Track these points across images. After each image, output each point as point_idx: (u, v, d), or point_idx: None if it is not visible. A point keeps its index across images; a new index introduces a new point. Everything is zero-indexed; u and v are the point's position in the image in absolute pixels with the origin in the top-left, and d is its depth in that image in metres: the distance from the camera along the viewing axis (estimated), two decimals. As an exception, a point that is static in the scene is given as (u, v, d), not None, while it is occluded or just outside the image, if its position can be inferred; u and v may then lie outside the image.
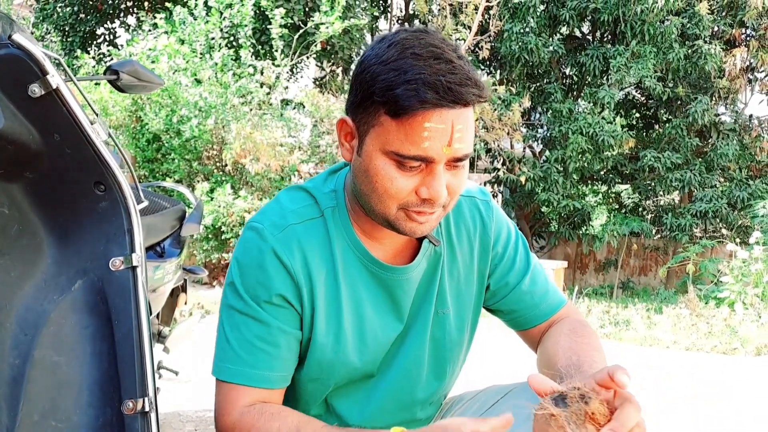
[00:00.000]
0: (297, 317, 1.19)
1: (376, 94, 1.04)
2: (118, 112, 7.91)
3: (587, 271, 13.14)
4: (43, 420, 1.08)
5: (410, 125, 1.02)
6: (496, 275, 1.33)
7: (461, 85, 1.01)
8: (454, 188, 1.10)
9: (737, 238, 10.98)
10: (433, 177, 1.06)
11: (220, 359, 1.18)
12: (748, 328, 5.69)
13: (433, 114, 1.01)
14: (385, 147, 1.06)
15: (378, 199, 1.10)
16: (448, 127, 1.02)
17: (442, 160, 1.05)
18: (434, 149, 1.03)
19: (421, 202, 1.08)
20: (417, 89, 1.00)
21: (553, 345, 1.27)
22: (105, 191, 1.16)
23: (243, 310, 1.17)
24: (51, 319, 1.12)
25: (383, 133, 1.06)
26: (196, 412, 3.00)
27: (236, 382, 1.16)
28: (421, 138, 1.02)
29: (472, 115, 1.07)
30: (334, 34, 8.58)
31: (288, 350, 1.18)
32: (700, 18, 10.97)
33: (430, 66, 1.01)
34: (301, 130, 8.74)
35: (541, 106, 12.16)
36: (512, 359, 4.30)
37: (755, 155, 11.87)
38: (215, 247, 7.42)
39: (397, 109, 1.02)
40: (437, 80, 1.00)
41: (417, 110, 1.01)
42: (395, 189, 1.07)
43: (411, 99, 1.00)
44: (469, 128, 1.06)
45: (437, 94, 1.00)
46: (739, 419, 3.28)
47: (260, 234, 1.17)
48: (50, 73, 1.04)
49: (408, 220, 1.11)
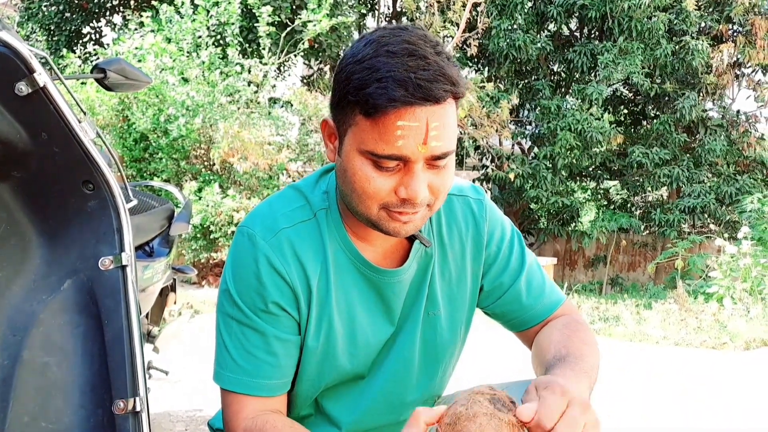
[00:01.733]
0: (294, 323, 1.17)
1: (350, 93, 1.03)
2: (104, 111, 7.87)
3: (576, 267, 13.19)
4: (33, 421, 1.07)
5: (383, 124, 1.00)
6: (490, 276, 1.31)
7: (432, 81, 0.99)
8: (436, 187, 1.07)
9: (725, 234, 11.04)
10: (411, 177, 1.04)
11: (220, 366, 1.18)
12: (736, 322, 5.73)
13: (406, 112, 0.99)
14: (361, 147, 1.04)
15: (358, 199, 1.08)
16: (423, 125, 1.00)
17: (419, 158, 1.03)
18: (409, 148, 1.01)
19: (401, 203, 1.06)
20: (387, 87, 0.98)
21: (544, 339, 1.26)
22: (94, 190, 1.14)
23: (240, 319, 1.15)
24: (40, 319, 1.11)
25: (359, 133, 1.04)
26: (186, 411, 2.99)
27: (237, 391, 1.16)
28: (394, 137, 1.00)
29: (452, 112, 1.04)
30: (322, 32, 8.56)
31: (286, 357, 1.17)
32: (687, 14, 11.03)
33: (402, 63, 0.99)
34: (289, 129, 8.72)
35: (530, 102, 12.20)
36: (504, 358, 4.31)
37: (743, 151, 11.95)
38: (204, 247, 7.39)
39: (368, 108, 1.00)
40: (407, 77, 0.98)
41: (388, 109, 0.99)
42: (373, 189, 1.05)
43: (381, 97, 0.99)
44: (447, 125, 1.03)
45: (406, 91, 0.98)
46: (728, 413, 3.30)
47: (252, 240, 1.15)
48: (37, 71, 1.03)
49: (391, 220, 1.09)
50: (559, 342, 1.21)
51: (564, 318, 1.32)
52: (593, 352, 1.20)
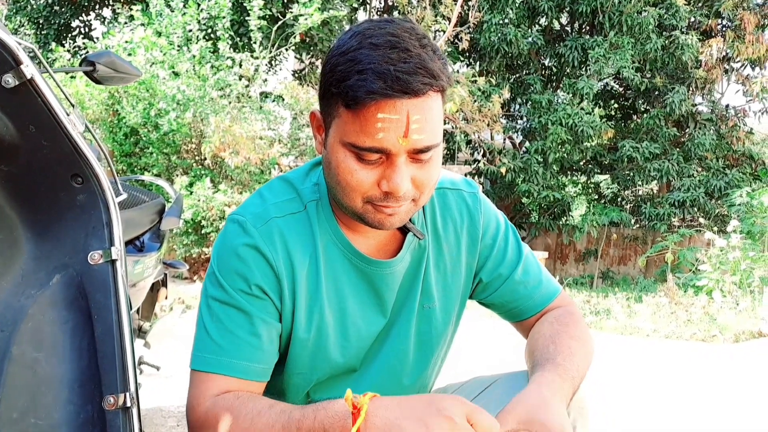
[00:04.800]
0: (276, 311, 1.16)
1: (333, 85, 1.03)
2: (94, 105, 7.81)
3: (567, 261, 13.22)
4: (23, 417, 1.06)
5: (364, 116, 1.00)
6: (488, 267, 1.31)
7: (411, 74, 0.98)
8: (420, 181, 1.07)
9: (715, 227, 11.10)
10: (393, 170, 1.04)
11: (199, 350, 1.14)
12: (726, 315, 5.76)
13: (386, 105, 0.99)
14: (344, 139, 1.04)
15: (342, 192, 1.08)
16: (403, 118, 1.00)
17: (400, 152, 1.02)
18: (389, 140, 1.01)
19: (383, 196, 1.06)
20: (366, 79, 0.98)
21: (535, 334, 1.27)
22: (82, 184, 1.13)
23: (223, 300, 1.14)
24: (29, 314, 1.10)
25: (341, 125, 1.04)
26: (178, 407, 2.98)
27: (213, 371, 1.12)
28: (375, 129, 1.00)
29: (437, 105, 1.04)
30: (313, 26, 8.53)
31: (269, 342, 1.15)
32: (676, 9, 11.07)
33: (383, 55, 0.99)
34: (281, 123, 8.70)
35: (521, 97, 12.21)
36: (497, 349, 4.32)
37: (732, 145, 12.01)
38: (195, 242, 7.36)
39: (349, 100, 1.00)
40: (386, 69, 0.98)
41: (368, 101, 0.99)
42: (356, 182, 1.05)
43: (360, 89, 0.99)
44: (430, 119, 1.02)
45: (385, 83, 0.98)
46: (718, 405, 3.32)
47: (242, 226, 1.15)
48: (24, 63, 1.01)
49: (375, 213, 1.08)
50: (549, 338, 1.22)
51: (557, 311, 1.32)
52: (582, 346, 1.21)
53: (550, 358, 1.15)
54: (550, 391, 1.07)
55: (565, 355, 1.16)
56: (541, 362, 1.15)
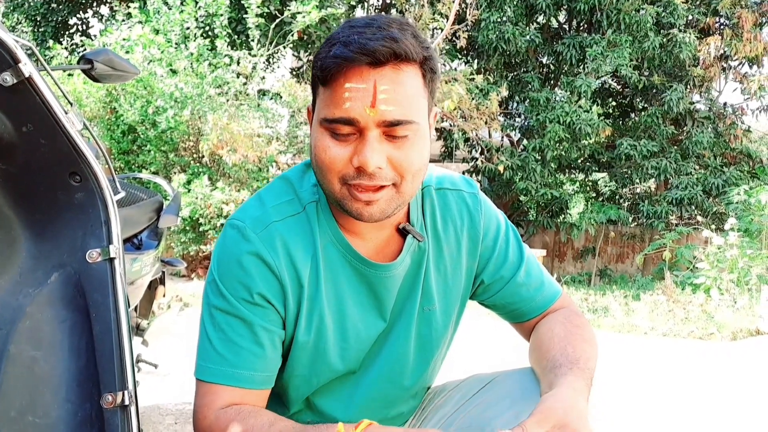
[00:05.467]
0: (279, 318, 1.16)
1: (313, 68, 1.07)
2: (92, 103, 7.80)
3: (565, 259, 13.23)
4: (21, 416, 1.06)
5: (333, 88, 1.02)
6: (490, 269, 1.30)
7: (373, 40, 1.00)
8: (398, 162, 1.05)
9: (712, 225, 11.09)
10: (363, 143, 1.03)
11: (203, 359, 1.14)
12: (723, 313, 5.77)
13: (353, 73, 1.00)
14: (319, 116, 1.06)
15: (321, 174, 1.09)
16: (370, 87, 1.00)
17: (369, 123, 1.02)
18: (356, 110, 1.01)
19: (356, 173, 1.05)
20: (332, 49, 1.01)
21: (547, 332, 1.26)
22: (81, 182, 1.13)
23: (225, 309, 1.13)
24: (27, 313, 1.10)
25: (319, 104, 1.07)
26: (175, 405, 2.98)
27: (218, 382, 1.12)
28: (342, 99, 1.01)
29: (411, 81, 1.04)
30: (311, 24, 8.52)
31: (272, 349, 1.15)
32: (674, 7, 11.07)
33: (355, 31, 1.01)
34: (279, 121, 8.70)
35: (519, 95, 12.21)
36: (498, 349, 4.32)
37: (729, 143, 12.01)
38: (193, 240, 7.36)
39: (320, 74, 1.03)
40: (352, 38, 1.00)
41: (335, 70, 1.01)
42: (329, 158, 1.05)
43: (327, 59, 1.02)
44: (403, 93, 1.02)
45: (348, 48, 1.00)
46: (716, 403, 3.32)
47: (242, 232, 1.14)
48: (22, 62, 1.01)
49: (352, 200, 1.07)
50: (565, 339, 1.21)
51: (564, 311, 1.32)
52: (594, 350, 1.22)
53: (573, 360, 1.15)
54: (582, 396, 1.07)
55: (584, 359, 1.16)
56: (565, 363, 1.14)
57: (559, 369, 1.13)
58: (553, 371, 1.14)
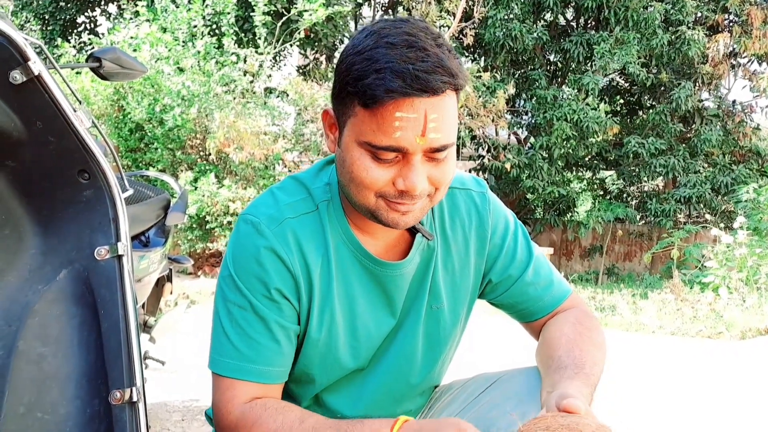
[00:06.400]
0: (294, 313, 1.16)
1: (350, 84, 1.03)
2: (99, 101, 7.83)
3: (572, 257, 13.21)
4: (29, 412, 1.06)
5: (381, 115, 1.00)
6: (498, 268, 1.30)
7: (429, 72, 0.98)
8: (436, 180, 1.07)
9: (721, 223, 11.08)
10: (409, 169, 1.03)
11: (219, 353, 1.15)
12: (732, 312, 5.75)
13: (404, 103, 0.99)
14: (360, 138, 1.04)
15: (356, 189, 1.08)
16: (421, 117, 0.99)
17: (417, 150, 1.02)
18: (407, 139, 1.00)
19: (398, 194, 1.06)
20: (384, 78, 0.98)
21: (556, 331, 1.26)
22: (89, 179, 1.13)
23: (242, 305, 1.14)
24: (35, 310, 1.10)
25: (358, 124, 1.04)
26: (182, 402, 2.99)
27: (236, 377, 1.13)
28: (392, 128, 1.00)
29: (453, 104, 1.04)
30: (318, 22, 8.53)
31: (288, 345, 1.16)
32: (683, 4, 11.02)
33: (401, 54, 0.99)
34: (285, 119, 8.71)
35: (526, 92, 12.19)
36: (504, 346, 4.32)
37: (738, 141, 11.96)
38: (200, 237, 7.38)
39: (367, 99, 1.00)
40: (405, 68, 0.97)
41: (386, 100, 0.98)
42: (370, 179, 1.05)
43: (379, 88, 0.98)
44: (447, 117, 1.02)
45: (404, 82, 0.97)
46: (724, 402, 3.31)
47: (257, 228, 1.14)
48: (32, 60, 1.02)
49: (389, 210, 1.08)
50: (573, 340, 1.21)
51: (574, 311, 1.31)
52: (602, 356, 1.21)
53: (580, 364, 1.14)
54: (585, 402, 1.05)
55: (591, 364, 1.15)
56: (570, 367, 1.14)
57: (564, 371, 1.13)
58: (558, 372, 1.13)
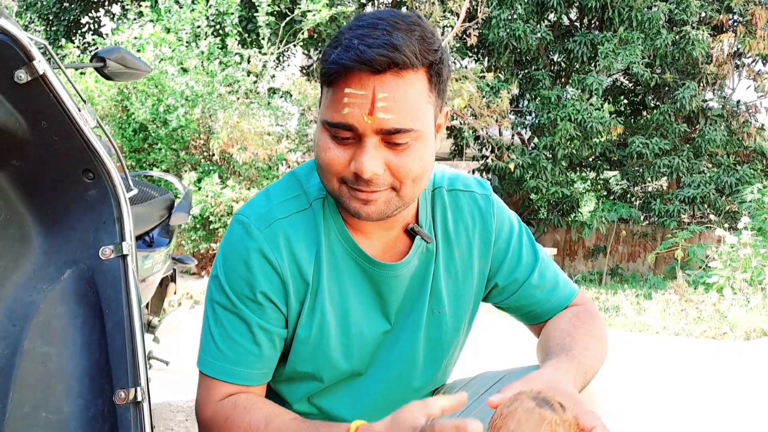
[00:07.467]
0: (280, 316, 1.16)
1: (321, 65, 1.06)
2: (103, 101, 7.85)
3: (576, 257, 13.19)
4: (34, 412, 1.06)
5: (335, 92, 1.02)
6: (503, 272, 1.29)
7: (372, 47, 0.97)
8: (396, 169, 1.04)
9: (725, 224, 11.05)
10: (361, 150, 1.03)
11: (204, 352, 1.17)
12: (737, 312, 5.74)
13: (352, 79, 0.99)
14: (322, 116, 1.06)
15: (321, 172, 1.09)
16: (369, 94, 0.99)
17: (367, 130, 1.01)
18: (354, 116, 1.00)
19: (354, 178, 1.05)
20: (336, 53, 1.00)
21: (552, 327, 1.26)
22: (94, 179, 1.13)
23: (227, 306, 1.15)
24: (40, 309, 1.10)
25: (322, 104, 1.06)
26: (186, 402, 2.99)
27: (216, 377, 1.15)
28: (342, 104, 1.00)
29: (413, 88, 1.01)
30: (321, 22, 8.53)
31: (270, 348, 1.16)
32: (687, 4, 11.00)
33: (360, 33, 0.99)
34: (289, 119, 8.71)
35: (530, 93, 12.16)
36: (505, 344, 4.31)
37: (743, 141, 11.93)
38: (203, 237, 7.38)
39: (323, 75, 1.03)
40: (352, 44, 0.98)
41: (335, 74, 1.00)
42: (328, 159, 1.05)
43: (330, 63, 1.01)
44: (403, 100, 1.00)
45: (347, 55, 0.98)
46: (728, 403, 3.30)
47: (246, 229, 1.14)
48: (36, 59, 1.02)
49: (351, 198, 1.07)
50: (565, 331, 1.21)
51: (576, 308, 1.31)
52: (599, 345, 1.20)
53: (566, 349, 1.14)
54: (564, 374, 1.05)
55: (580, 348, 1.15)
56: (556, 352, 1.14)
57: (550, 356, 1.13)
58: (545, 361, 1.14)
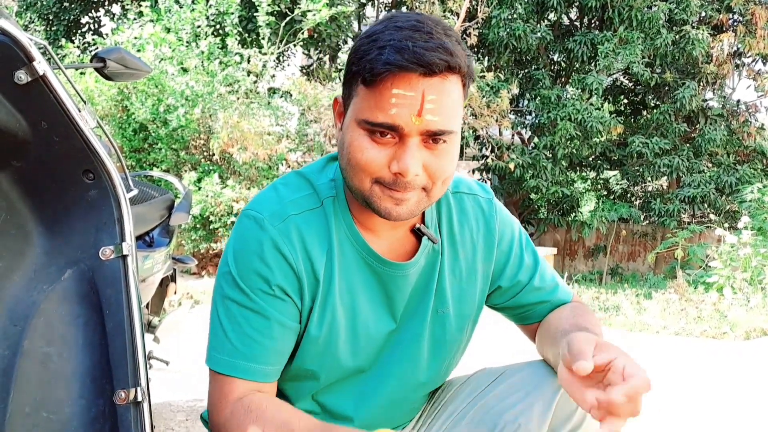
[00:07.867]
0: (296, 310, 1.15)
1: (354, 63, 1.04)
2: (103, 101, 7.84)
3: (576, 257, 13.20)
4: (35, 412, 1.06)
5: (379, 91, 1.00)
6: (507, 274, 1.30)
7: (429, 50, 0.98)
8: (433, 170, 1.06)
9: (725, 223, 11.05)
10: (404, 150, 1.02)
11: (216, 350, 1.14)
12: (737, 312, 5.74)
13: (402, 80, 0.99)
14: (359, 116, 1.04)
15: (352, 172, 1.07)
16: (418, 95, 0.99)
17: (413, 131, 1.01)
18: (402, 117, 1.00)
19: (393, 179, 1.05)
20: (384, 52, 0.99)
21: (554, 318, 1.28)
22: (94, 180, 1.13)
23: (241, 302, 1.12)
24: (41, 309, 1.10)
25: (358, 103, 1.04)
26: (186, 402, 2.99)
27: (233, 374, 1.12)
28: (389, 104, 1.00)
29: (454, 91, 1.03)
30: (321, 22, 8.53)
31: (284, 343, 1.15)
32: (687, 3, 11.00)
33: (406, 35, 0.99)
34: (289, 119, 8.71)
35: (530, 92, 12.17)
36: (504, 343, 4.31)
37: (743, 140, 11.95)
38: (204, 237, 7.38)
39: (366, 74, 1.01)
40: (405, 45, 0.98)
41: (384, 74, 0.99)
42: (366, 160, 1.04)
43: (378, 62, 0.99)
44: (448, 103, 1.02)
45: (402, 56, 0.98)
46: (728, 403, 3.30)
47: (260, 224, 1.13)
48: (36, 60, 1.02)
49: (383, 198, 1.07)
50: (571, 315, 1.24)
51: (572, 304, 1.34)
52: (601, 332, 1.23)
53: (583, 327, 1.15)
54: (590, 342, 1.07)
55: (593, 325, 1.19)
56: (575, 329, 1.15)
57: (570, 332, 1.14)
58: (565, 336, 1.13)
